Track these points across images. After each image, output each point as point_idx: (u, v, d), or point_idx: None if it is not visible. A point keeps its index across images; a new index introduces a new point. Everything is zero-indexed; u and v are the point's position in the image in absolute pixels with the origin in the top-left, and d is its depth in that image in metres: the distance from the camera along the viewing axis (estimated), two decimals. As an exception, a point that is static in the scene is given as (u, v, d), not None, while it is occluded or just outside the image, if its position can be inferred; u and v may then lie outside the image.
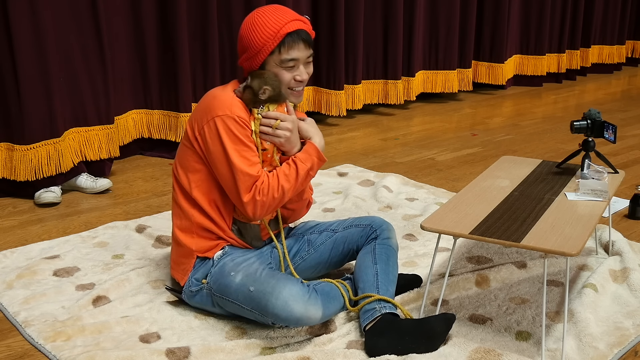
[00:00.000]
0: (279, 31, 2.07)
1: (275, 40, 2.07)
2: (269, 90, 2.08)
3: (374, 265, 2.19)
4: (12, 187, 3.31)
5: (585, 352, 2.01)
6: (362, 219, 2.35)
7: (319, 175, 3.70)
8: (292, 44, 2.09)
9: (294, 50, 2.10)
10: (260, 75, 2.09)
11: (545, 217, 2.07)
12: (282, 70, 2.11)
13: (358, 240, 2.31)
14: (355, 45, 4.93)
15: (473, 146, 4.41)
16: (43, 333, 2.08)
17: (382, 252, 2.23)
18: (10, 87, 3.16)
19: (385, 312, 2.04)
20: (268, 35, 2.07)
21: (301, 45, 2.11)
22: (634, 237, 2.88)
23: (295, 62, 2.12)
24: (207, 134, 2.07)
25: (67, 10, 3.34)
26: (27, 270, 2.50)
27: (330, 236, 2.34)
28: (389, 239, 2.28)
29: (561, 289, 2.42)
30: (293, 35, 2.09)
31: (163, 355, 1.97)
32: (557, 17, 6.53)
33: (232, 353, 2.00)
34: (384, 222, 2.33)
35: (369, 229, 2.30)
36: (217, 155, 2.07)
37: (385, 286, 2.15)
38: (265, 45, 2.07)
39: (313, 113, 5.04)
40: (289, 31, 2.08)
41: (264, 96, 2.08)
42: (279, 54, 2.09)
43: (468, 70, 5.86)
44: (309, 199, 2.36)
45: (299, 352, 1.98)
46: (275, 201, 2.09)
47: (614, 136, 2.40)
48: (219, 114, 2.06)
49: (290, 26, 2.08)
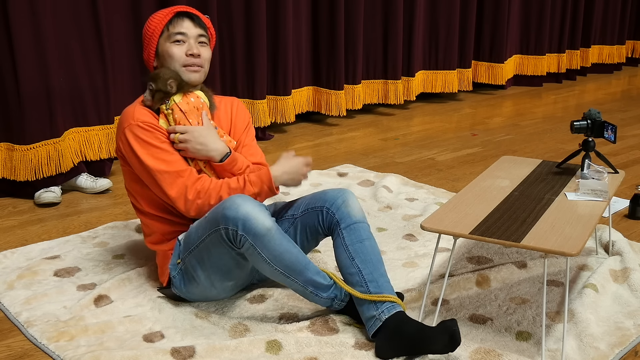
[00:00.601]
0: (167, 15, 2.23)
1: (164, 21, 2.22)
2: (174, 81, 2.15)
3: (352, 261, 2.09)
4: (12, 187, 3.31)
5: (586, 352, 2.01)
6: (315, 199, 2.23)
7: (319, 175, 3.70)
8: (178, 20, 2.23)
9: (180, 26, 2.22)
10: (157, 75, 2.16)
11: (545, 217, 2.07)
12: (173, 46, 2.21)
13: (320, 226, 2.21)
14: (355, 45, 4.93)
15: (473, 146, 4.41)
16: (46, 333, 2.09)
17: (352, 238, 2.12)
18: (10, 87, 3.16)
19: (385, 317, 2.00)
20: (158, 19, 2.24)
21: (187, 22, 2.23)
22: (634, 237, 2.88)
23: (183, 36, 2.21)
24: (123, 149, 2.18)
25: (67, 10, 3.34)
26: (27, 271, 2.50)
27: (291, 223, 2.27)
28: (350, 216, 2.15)
29: (561, 289, 2.42)
30: (179, 14, 2.24)
31: (168, 355, 1.97)
32: (557, 17, 6.53)
33: (236, 351, 2.00)
34: (336, 196, 2.19)
35: (325, 213, 2.18)
36: (135, 165, 2.16)
37: (374, 278, 2.06)
38: (157, 26, 2.23)
39: (313, 113, 5.05)
40: (175, 11, 2.24)
41: (173, 89, 2.16)
42: (167, 32, 2.22)
43: (468, 70, 5.86)
44: None
45: (305, 352, 1.98)
46: (212, 207, 2.12)
47: (614, 136, 2.40)
48: (125, 126, 2.16)
49: (177, 9, 2.24)
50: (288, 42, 4.49)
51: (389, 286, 2.08)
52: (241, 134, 2.36)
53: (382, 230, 2.95)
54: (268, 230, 1.98)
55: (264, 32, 4.30)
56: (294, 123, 4.90)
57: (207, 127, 2.18)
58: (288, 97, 4.60)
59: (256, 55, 4.29)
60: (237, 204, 1.98)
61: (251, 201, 2.01)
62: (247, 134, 2.37)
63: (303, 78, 4.84)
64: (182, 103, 2.17)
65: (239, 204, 1.98)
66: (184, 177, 2.13)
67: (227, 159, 2.17)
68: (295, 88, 4.75)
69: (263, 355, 1.99)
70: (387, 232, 2.93)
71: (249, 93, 4.36)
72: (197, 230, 2.10)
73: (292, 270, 2.04)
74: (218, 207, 2.03)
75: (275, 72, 4.53)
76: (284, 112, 4.58)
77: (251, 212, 1.97)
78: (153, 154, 2.13)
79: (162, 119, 2.19)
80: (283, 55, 4.49)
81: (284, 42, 4.47)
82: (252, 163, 2.28)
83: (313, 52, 4.89)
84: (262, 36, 4.29)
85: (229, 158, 2.18)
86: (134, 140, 2.14)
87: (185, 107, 2.18)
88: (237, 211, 1.97)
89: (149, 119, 2.16)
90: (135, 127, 2.14)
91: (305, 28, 4.79)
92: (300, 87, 4.82)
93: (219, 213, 2.01)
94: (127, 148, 2.16)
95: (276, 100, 4.57)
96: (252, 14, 4.22)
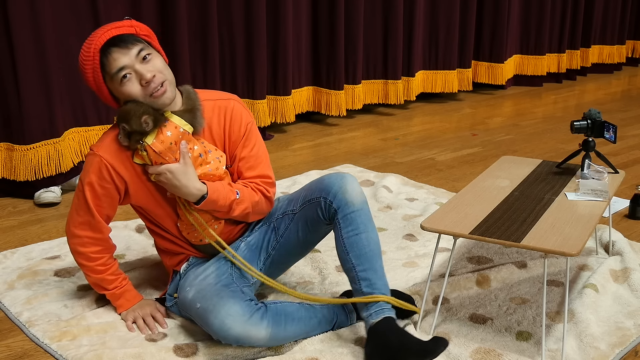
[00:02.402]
0: (94, 56, 1.92)
1: (96, 65, 1.92)
2: (149, 117, 1.91)
3: (347, 256, 2.02)
4: (12, 187, 3.31)
5: (586, 353, 2.01)
6: (312, 190, 2.10)
7: (319, 175, 3.70)
8: (108, 57, 1.91)
9: (114, 61, 1.91)
10: (128, 113, 1.91)
11: (545, 217, 2.07)
12: (125, 86, 1.93)
13: (321, 217, 2.08)
14: (355, 45, 4.93)
15: (473, 146, 4.41)
16: (48, 333, 2.09)
17: (348, 230, 2.02)
18: (10, 87, 3.16)
19: (372, 322, 1.95)
20: (89, 66, 1.93)
21: (116, 52, 1.91)
22: (634, 237, 2.88)
23: (125, 70, 1.91)
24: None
25: (67, 10, 3.34)
26: (28, 271, 2.50)
27: (291, 218, 2.15)
28: (347, 204, 2.02)
29: (561, 289, 2.42)
30: (103, 49, 1.91)
31: (171, 352, 1.98)
32: (557, 17, 6.53)
33: (239, 349, 2.00)
34: (333, 183, 2.06)
35: (324, 203, 2.05)
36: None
37: (367, 276, 1.98)
38: (95, 75, 1.94)
39: (313, 113, 5.05)
40: (98, 48, 1.91)
41: (149, 126, 1.92)
42: (107, 74, 1.93)
43: (468, 70, 5.86)
44: (254, 204, 2.12)
45: (307, 351, 1.98)
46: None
47: (614, 136, 2.40)
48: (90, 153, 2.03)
49: (98, 43, 1.91)
50: (288, 42, 4.49)
51: (381, 283, 2.00)
52: (236, 146, 2.12)
53: (382, 230, 2.95)
54: (266, 341, 1.94)
55: (264, 32, 4.30)
56: (294, 123, 4.90)
57: (182, 166, 1.96)
58: (288, 97, 4.60)
59: (256, 55, 4.29)
60: (227, 327, 1.89)
61: (241, 319, 1.89)
62: (245, 145, 2.12)
63: (303, 78, 4.84)
64: (155, 144, 1.93)
65: (229, 327, 1.88)
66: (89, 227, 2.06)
67: (202, 202, 2.00)
68: (295, 88, 4.75)
69: (265, 353, 1.99)
70: (387, 232, 2.93)
71: (249, 93, 4.36)
72: (190, 309, 2.03)
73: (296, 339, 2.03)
74: (207, 318, 1.92)
75: (275, 72, 4.53)
76: (284, 112, 4.58)
77: (242, 334, 1.89)
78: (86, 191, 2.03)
79: (136, 157, 1.99)
80: (283, 55, 4.49)
81: (284, 42, 4.47)
82: (251, 177, 2.13)
83: (313, 52, 4.89)
84: (262, 36, 4.29)
85: (204, 202, 2.00)
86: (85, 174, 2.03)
87: (160, 148, 1.94)
88: (227, 334, 1.89)
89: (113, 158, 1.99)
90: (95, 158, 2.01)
91: (305, 28, 4.79)
92: (300, 87, 4.82)
93: (208, 327, 1.93)
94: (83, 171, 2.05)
95: (276, 100, 4.57)
96: (252, 14, 4.22)
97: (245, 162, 2.13)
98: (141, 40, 1.96)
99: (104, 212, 2.08)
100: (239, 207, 2.07)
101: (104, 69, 1.93)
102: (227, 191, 2.04)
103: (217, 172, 2.06)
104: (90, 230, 2.08)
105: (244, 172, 2.13)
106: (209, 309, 1.93)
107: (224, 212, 2.07)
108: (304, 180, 3.59)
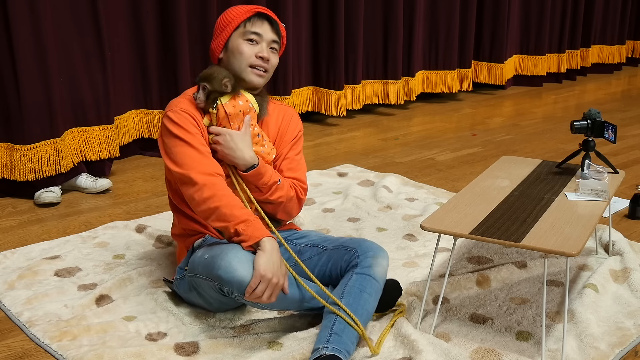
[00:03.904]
0: (247, 11, 2.19)
1: (243, 16, 2.18)
2: (229, 80, 2.10)
3: (340, 299, 2.00)
4: (12, 187, 3.31)
5: (586, 353, 2.01)
6: (352, 241, 2.16)
7: (319, 175, 3.70)
8: (257, 20, 2.18)
9: (259, 27, 2.18)
10: (211, 75, 2.10)
11: (545, 217, 2.07)
12: (245, 44, 2.17)
13: (341, 264, 2.13)
14: (355, 45, 4.93)
15: (473, 146, 4.41)
16: (48, 333, 2.09)
17: (356, 284, 2.03)
18: (10, 88, 3.16)
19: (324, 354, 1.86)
20: (237, 12, 2.20)
21: (266, 25, 2.19)
22: (634, 237, 2.88)
23: (259, 37, 2.17)
24: (160, 133, 2.17)
25: (67, 10, 3.34)
26: (28, 271, 2.50)
27: (318, 252, 2.20)
28: (370, 268, 2.06)
29: (561, 289, 2.42)
30: (260, 14, 2.19)
31: (172, 351, 1.98)
32: (557, 17, 6.53)
33: (239, 347, 2.01)
34: (372, 247, 2.11)
35: (352, 254, 2.11)
36: (160, 144, 2.15)
37: (341, 330, 1.93)
38: (234, 19, 2.18)
39: (313, 113, 5.05)
40: (257, 11, 2.19)
41: (228, 89, 2.10)
42: (243, 28, 2.18)
43: (468, 70, 5.86)
44: (288, 198, 2.22)
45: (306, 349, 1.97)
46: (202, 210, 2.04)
47: (614, 136, 2.40)
48: (165, 112, 2.14)
49: (258, 9, 2.19)
50: (288, 42, 4.49)
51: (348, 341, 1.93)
52: (286, 145, 2.28)
53: (382, 230, 2.95)
54: None
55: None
56: (294, 123, 4.90)
57: (242, 134, 2.12)
58: (288, 97, 4.60)
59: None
60: (233, 268, 1.90)
61: (247, 263, 1.92)
62: (293, 147, 2.29)
63: (303, 78, 4.84)
64: (228, 105, 2.10)
65: (235, 268, 1.90)
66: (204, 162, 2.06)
67: (250, 171, 2.12)
68: (295, 88, 4.75)
69: (265, 352, 1.99)
70: (387, 232, 2.93)
71: (249, 93, 4.36)
72: (199, 265, 2.05)
73: (287, 308, 2.08)
74: (214, 262, 1.95)
75: (275, 72, 4.52)
76: (284, 112, 4.58)
77: (247, 278, 1.90)
78: (181, 131, 2.08)
79: (206, 117, 2.14)
80: (283, 55, 4.49)
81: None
82: (289, 177, 2.24)
83: (313, 52, 4.89)
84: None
85: (253, 171, 2.11)
86: (168, 122, 2.10)
87: (231, 110, 2.10)
88: (232, 275, 1.91)
89: (192, 110, 2.12)
90: (173, 112, 2.10)
91: (305, 28, 4.79)
92: (300, 87, 4.82)
93: (214, 271, 1.94)
94: (161, 130, 2.13)
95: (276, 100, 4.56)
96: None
97: (288, 163, 2.28)
98: (280, 40, 2.24)
99: (215, 162, 2.09)
100: (277, 192, 2.18)
101: (244, 24, 2.17)
102: (273, 173, 2.19)
103: (268, 156, 2.21)
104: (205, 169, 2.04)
105: (284, 171, 2.27)
106: (216, 255, 1.97)
107: (264, 191, 2.17)
108: (304, 180, 3.59)
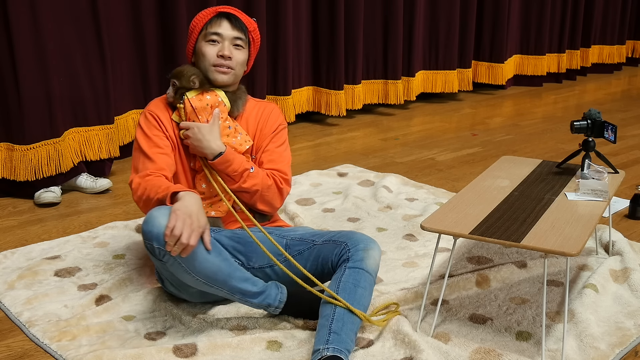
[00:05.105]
0: (208, 14, 2.27)
1: (204, 20, 2.27)
2: (196, 77, 2.21)
3: (336, 293, 1.98)
4: (12, 187, 3.31)
5: (586, 353, 2.01)
6: (341, 234, 2.15)
7: (319, 175, 3.70)
8: (216, 20, 2.26)
9: (217, 27, 2.24)
10: (181, 72, 2.22)
11: (545, 217, 2.07)
12: (207, 45, 2.24)
13: (332, 259, 2.11)
14: (355, 45, 4.93)
15: (473, 146, 4.41)
16: (48, 333, 2.09)
17: (350, 278, 2.01)
18: (10, 87, 3.16)
19: (326, 355, 1.84)
20: (201, 15, 2.28)
21: (225, 23, 2.25)
22: (634, 237, 2.88)
23: (219, 37, 2.23)
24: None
25: (67, 10, 3.34)
26: (28, 271, 2.50)
27: (308, 246, 2.18)
28: (362, 261, 2.04)
29: (561, 289, 2.42)
30: (220, 15, 2.27)
31: (170, 353, 1.98)
32: (557, 17, 6.53)
33: (238, 348, 2.01)
34: (362, 240, 2.10)
35: (342, 247, 2.09)
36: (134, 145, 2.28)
37: (340, 328, 1.91)
38: (198, 23, 2.28)
39: (313, 113, 5.05)
40: (217, 11, 2.27)
41: (195, 85, 2.21)
42: (205, 30, 2.26)
43: (468, 70, 5.86)
44: (265, 186, 2.23)
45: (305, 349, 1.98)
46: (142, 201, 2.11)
47: (614, 136, 2.40)
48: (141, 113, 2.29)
49: (220, 9, 2.27)
50: (288, 42, 4.49)
51: (347, 338, 1.91)
52: (265, 139, 2.33)
53: (382, 230, 2.95)
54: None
55: (264, 32, 4.30)
56: (294, 123, 4.90)
57: (210, 125, 2.19)
58: (288, 97, 4.60)
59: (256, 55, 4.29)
60: (153, 216, 1.92)
61: (167, 211, 1.92)
62: (273, 140, 2.33)
63: (303, 78, 4.84)
64: (194, 99, 2.21)
65: (154, 217, 1.92)
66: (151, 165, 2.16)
67: (218, 158, 2.16)
68: (295, 88, 4.75)
69: (264, 352, 2.00)
70: (387, 232, 2.93)
71: (249, 93, 4.33)
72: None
73: (215, 279, 2.00)
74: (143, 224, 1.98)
75: (275, 72, 4.53)
76: (284, 112, 4.58)
77: (165, 223, 1.90)
78: (141, 136, 2.23)
79: (175, 114, 2.26)
80: (283, 55, 4.49)
81: (284, 42, 4.47)
82: (269, 169, 2.27)
83: (313, 52, 4.89)
84: (262, 36, 4.29)
85: (220, 158, 2.16)
86: (138, 125, 2.27)
87: (197, 104, 2.20)
88: (152, 224, 1.91)
89: (159, 111, 2.26)
90: (142, 115, 2.27)
91: (305, 28, 4.79)
92: (300, 87, 4.82)
93: (142, 230, 1.96)
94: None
95: (276, 100, 4.57)
96: (252, 14, 4.22)
97: (268, 155, 2.31)
98: (246, 35, 2.28)
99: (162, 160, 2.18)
100: (250, 180, 2.20)
101: (205, 26, 2.26)
102: (243, 160, 2.21)
103: (240, 147, 2.25)
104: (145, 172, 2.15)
105: (265, 162, 2.30)
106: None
107: (236, 179, 2.19)
108: (304, 180, 3.59)
